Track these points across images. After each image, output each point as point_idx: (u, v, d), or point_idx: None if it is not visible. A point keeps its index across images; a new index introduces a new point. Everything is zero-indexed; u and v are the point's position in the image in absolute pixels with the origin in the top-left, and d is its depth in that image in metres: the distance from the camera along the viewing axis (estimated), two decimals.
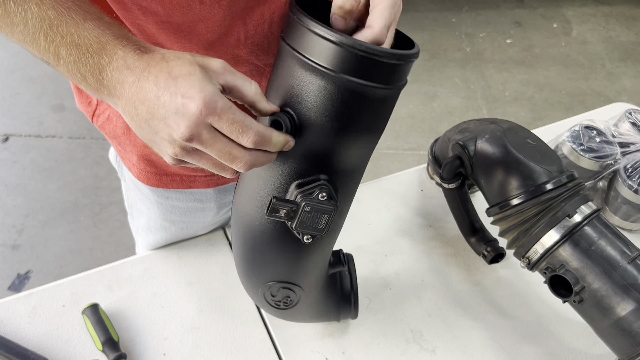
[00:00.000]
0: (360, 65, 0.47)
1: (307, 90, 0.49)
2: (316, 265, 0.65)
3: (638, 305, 0.68)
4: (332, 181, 0.54)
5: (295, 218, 0.53)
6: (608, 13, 2.94)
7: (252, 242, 0.61)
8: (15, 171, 1.96)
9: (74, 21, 0.45)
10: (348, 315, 0.77)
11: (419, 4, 2.85)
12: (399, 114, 2.26)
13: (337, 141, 0.52)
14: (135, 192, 0.81)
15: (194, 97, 0.44)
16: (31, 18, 0.44)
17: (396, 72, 0.50)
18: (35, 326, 0.77)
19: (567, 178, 0.76)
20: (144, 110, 0.46)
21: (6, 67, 2.34)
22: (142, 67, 0.45)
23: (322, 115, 0.50)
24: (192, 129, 0.44)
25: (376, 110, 0.52)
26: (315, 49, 0.48)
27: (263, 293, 0.66)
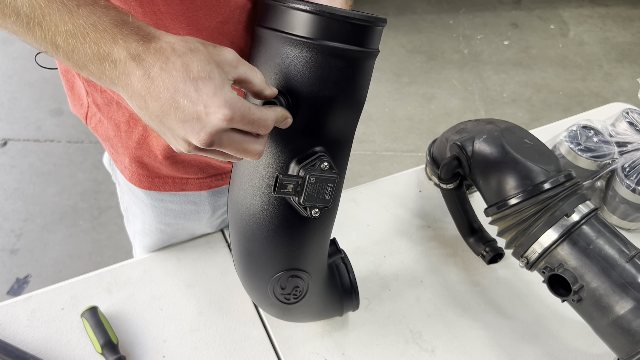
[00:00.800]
0: (337, 30, 0.52)
1: (294, 64, 0.53)
2: (320, 248, 0.66)
3: (637, 303, 0.68)
4: (328, 151, 0.56)
5: (303, 192, 0.55)
6: (604, 14, 2.95)
7: (255, 235, 0.62)
8: (13, 176, 1.96)
9: (67, 8, 0.43)
10: (350, 307, 0.77)
11: (416, 7, 2.86)
12: (397, 116, 2.27)
13: (327, 110, 0.55)
14: (130, 195, 0.80)
15: (219, 108, 0.43)
16: (22, 7, 0.43)
17: (368, 33, 0.55)
18: (34, 329, 0.77)
19: (564, 177, 0.76)
20: (156, 107, 0.44)
21: (4, 72, 2.34)
22: (152, 62, 0.43)
23: (311, 86, 0.54)
24: (214, 137, 0.45)
25: (356, 73, 0.56)
26: (295, 23, 0.52)
27: (272, 288, 0.65)
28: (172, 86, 0.43)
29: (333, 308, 0.76)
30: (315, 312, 0.76)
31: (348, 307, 0.77)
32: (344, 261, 0.75)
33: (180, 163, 0.70)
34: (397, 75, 2.48)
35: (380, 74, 2.47)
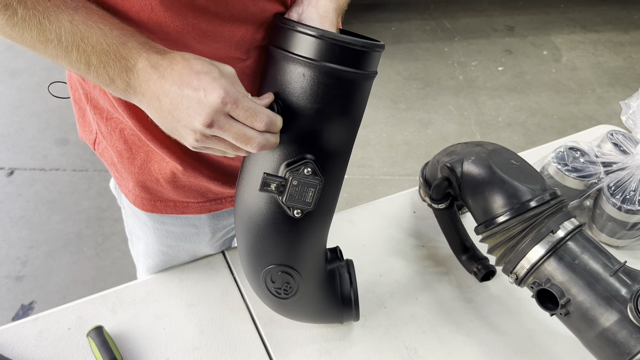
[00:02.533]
0: (337, 53, 0.58)
1: (295, 80, 0.59)
2: (311, 250, 0.70)
3: (621, 315, 0.71)
4: (318, 160, 0.62)
5: (285, 192, 0.61)
6: (596, 40, 3.02)
7: (252, 229, 0.68)
8: (19, 204, 2.00)
9: (102, 32, 0.52)
10: (350, 317, 0.80)
11: (412, 35, 2.94)
12: (395, 141, 2.31)
13: (319, 122, 0.61)
14: (134, 218, 0.84)
15: (215, 89, 0.52)
16: (64, 34, 0.50)
17: (365, 58, 0.60)
18: (41, 349, 0.80)
19: (550, 196, 0.80)
20: (167, 102, 0.53)
21: (11, 103, 2.40)
22: (166, 65, 0.52)
23: (306, 100, 0.59)
24: (213, 116, 0.52)
25: (350, 92, 0.62)
26: (300, 45, 0.58)
27: (264, 280, 0.71)
28: (179, 80, 0.52)
29: (331, 314, 0.79)
30: (311, 313, 0.79)
31: (348, 317, 0.80)
32: (348, 271, 0.78)
33: (181, 187, 0.74)
34: (394, 101, 2.53)
35: (377, 100, 2.52)
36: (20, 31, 0.50)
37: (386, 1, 3.17)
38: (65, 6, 0.51)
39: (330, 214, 0.69)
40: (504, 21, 3.12)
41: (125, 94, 0.55)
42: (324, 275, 0.75)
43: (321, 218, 0.68)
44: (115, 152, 0.73)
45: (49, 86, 0.81)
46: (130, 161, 0.72)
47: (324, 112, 0.60)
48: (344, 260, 0.78)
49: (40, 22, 0.50)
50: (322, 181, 0.62)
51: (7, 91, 2.46)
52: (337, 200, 0.70)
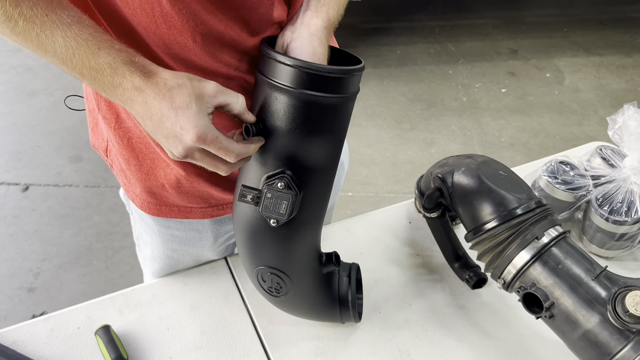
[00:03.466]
0: (313, 81, 0.62)
1: (275, 104, 0.64)
2: (297, 255, 0.74)
3: (602, 317, 0.74)
4: (296, 175, 0.66)
5: (260, 203, 0.66)
6: (599, 63, 3.07)
7: (243, 233, 0.73)
8: (33, 218, 2.07)
9: (91, 50, 0.56)
10: (349, 318, 0.84)
11: (417, 58, 3.01)
12: (399, 160, 2.36)
13: (295, 142, 0.65)
14: (141, 223, 0.89)
15: (189, 130, 0.57)
16: (59, 47, 0.56)
17: (342, 84, 0.64)
18: (52, 346, 0.84)
19: (535, 204, 0.84)
20: (150, 125, 0.59)
21: (28, 122, 2.49)
22: (148, 92, 0.57)
23: (281, 121, 0.64)
24: (187, 151, 0.59)
25: (326, 115, 0.66)
26: (276, 72, 0.63)
27: (257, 279, 0.76)
28: (160, 112, 0.57)
29: (328, 314, 0.83)
30: (307, 311, 0.83)
31: (347, 318, 0.84)
32: (349, 274, 0.82)
33: (184, 193, 0.80)
34: (399, 122, 2.59)
35: (382, 120, 2.58)
36: (24, 40, 0.56)
37: (392, 25, 3.26)
38: (61, 22, 0.55)
39: (315, 222, 0.73)
40: (508, 45, 3.18)
41: (117, 102, 0.61)
42: (318, 277, 0.79)
43: (303, 226, 0.72)
44: (123, 160, 0.78)
45: (65, 99, 0.87)
46: (138, 168, 0.77)
47: (297, 132, 0.65)
48: (339, 265, 0.82)
49: (37, 35, 0.55)
50: (296, 194, 0.66)
51: (24, 110, 2.55)
52: (323, 211, 0.74)
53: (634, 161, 1.00)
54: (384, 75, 2.85)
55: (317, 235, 0.76)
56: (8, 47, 2.91)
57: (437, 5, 3.42)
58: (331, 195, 1.03)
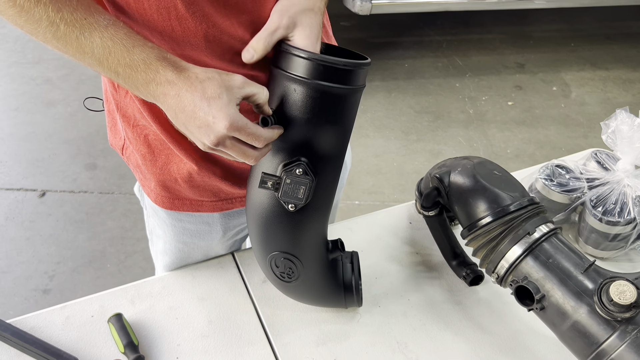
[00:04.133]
0: (323, 72, 0.68)
1: (289, 94, 0.70)
2: (309, 240, 0.80)
3: (590, 308, 0.78)
4: (311, 162, 0.71)
5: (280, 189, 0.71)
6: (605, 77, 3.11)
7: (258, 220, 0.78)
8: (49, 223, 2.13)
9: (126, 48, 0.62)
10: (352, 302, 0.89)
11: (424, 72, 3.06)
12: (405, 170, 2.40)
13: (310, 130, 0.71)
14: (155, 217, 0.95)
15: (222, 119, 0.62)
16: (96, 47, 0.61)
17: (349, 76, 0.70)
18: (67, 332, 0.89)
19: (528, 201, 0.88)
20: (182, 117, 0.64)
21: (46, 131, 2.58)
22: (181, 85, 0.62)
23: (298, 111, 0.70)
24: (219, 140, 0.64)
25: (338, 105, 0.72)
26: (293, 65, 0.69)
27: (270, 264, 0.81)
28: (192, 103, 0.62)
29: (334, 299, 0.88)
30: (314, 296, 0.88)
31: (351, 302, 0.89)
32: (351, 261, 0.87)
33: (196, 187, 0.85)
34: (406, 133, 2.64)
35: (389, 131, 2.63)
36: (64, 44, 0.61)
37: (400, 40, 3.32)
38: (98, 24, 0.61)
39: (325, 208, 0.79)
40: (515, 59, 3.23)
41: (149, 99, 0.66)
42: (325, 263, 0.84)
43: (316, 212, 0.77)
44: (140, 155, 0.84)
45: (84, 100, 0.93)
46: (153, 163, 0.83)
47: (312, 121, 0.71)
48: (344, 251, 0.87)
49: (77, 37, 0.61)
50: (313, 180, 0.71)
51: (42, 120, 2.64)
52: (332, 198, 0.79)
53: (626, 164, 1.04)
54: (392, 88, 2.91)
55: (326, 221, 0.81)
56: (28, 59, 3.02)
57: (445, 20, 3.48)
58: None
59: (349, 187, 2.31)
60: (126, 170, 2.36)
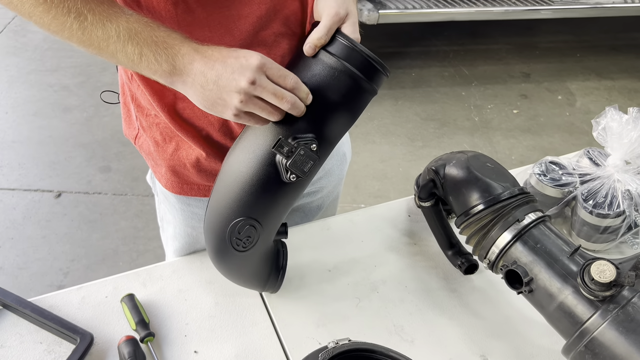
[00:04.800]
0: (361, 63, 0.74)
1: (327, 76, 0.74)
2: (279, 213, 0.82)
3: (574, 289, 0.82)
4: (319, 142, 0.75)
5: (291, 157, 0.73)
6: (610, 86, 3.14)
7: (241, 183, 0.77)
8: (65, 222, 2.21)
9: (152, 28, 0.67)
10: (273, 287, 0.95)
11: (431, 80, 3.12)
12: (411, 175, 2.45)
13: (329, 109, 0.75)
14: (165, 203, 1.01)
15: (253, 54, 0.67)
16: (122, 30, 0.66)
17: (378, 75, 0.76)
18: (83, 311, 0.95)
19: (518, 190, 0.93)
20: (213, 74, 0.67)
21: (62, 135, 2.67)
22: (206, 49, 0.68)
23: (326, 89, 0.74)
24: (255, 74, 0.66)
25: (358, 95, 0.77)
26: (343, 53, 0.74)
27: (232, 230, 0.79)
28: (220, 55, 0.68)
29: (261, 279, 0.92)
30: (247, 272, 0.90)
31: (272, 286, 0.95)
32: (283, 247, 0.94)
33: (204, 172, 0.91)
34: (412, 139, 2.69)
35: (395, 138, 2.69)
36: (89, 33, 0.67)
37: (408, 50, 3.39)
38: (122, 12, 0.67)
39: (304, 188, 0.82)
40: (521, 69, 3.28)
41: (171, 78, 0.69)
42: (270, 243, 0.88)
43: (300, 189, 0.81)
44: (152, 142, 0.90)
45: (101, 94, 1.00)
46: (164, 149, 0.89)
47: (335, 105, 0.75)
48: (287, 236, 0.89)
49: (104, 24, 0.66)
50: (318, 159, 0.75)
51: (59, 125, 2.73)
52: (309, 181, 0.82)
53: (616, 160, 1.09)
54: (399, 96, 2.97)
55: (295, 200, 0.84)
56: (46, 67, 3.13)
57: (452, 31, 3.54)
58: (335, 185, 1.13)
59: (355, 191, 2.37)
60: (139, 173, 2.44)
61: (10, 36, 3.43)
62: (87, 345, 0.88)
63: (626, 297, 0.78)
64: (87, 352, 0.87)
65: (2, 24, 3.54)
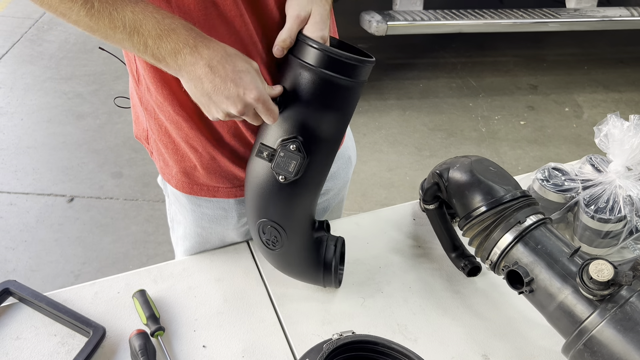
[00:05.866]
0: (330, 63, 0.76)
1: (297, 78, 0.78)
2: (296, 213, 0.87)
3: (574, 289, 0.84)
4: (306, 142, 0.79)
5: (274, 160, 0.78)
6: (618, 99, 3.16)
7: (252, 188, 0.85)
8: (77, 226, 2.25)
9: (156, 20, 0.68)
10: (330, 282, 0.95)
11: (438, 91, 3.16)
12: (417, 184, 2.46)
13: (309, 112, 0.79)
14: (176, 204, 1.04)
15: (253, 90, 0.71)
16: (128, 21, 0.68)
17: (353, 70, 0.78)
18: (96, 306, 0.98)
19: (520, 193, 0.95)
20: (210, 87, 0.71)
21: (75, 141, 2.72)
22: (212, 56, 0.69)
23: (302, 94, 0.78)
24: (245, 109, 0.72)
25: (338, 93, 0.79)
26: (307, 55, 0.77)
27: (258, 230, 0.88)
28: (224, 74, 0.70)
29: (312, 275, 0.95)
30: (295, 268, 0.95)
31: (328, 282, 0.96)
32: (335, 244, 0.94)
33: (212, 173, 0.94)
34: (419, 149, 2.72)
35: (403, 147, 2.72)
36: (96, 21, 0.68)
37: (416, 62, 3.43)
38: (129, 1, 0.68)
39: (314, 187, 0.86)
40: (528, 80, 3.30)
41: (175, 71, 0.72)
42: (309, 238, 0.91)
43: (304, 189, 0.85)
44: (162, 144, 0.93)
45: (114, 99, 1.04)
46: (174, 151, 0.92)
47: (312, 105, 0.79)
48: (330, 233, 0.93)
49: (110, 13, 0.67)
50: (304, 157, 0.79)
51: (73, 131, 2.79)
52: (322, 179, 0.87)
53: (618, 166, 1.11)
54: (407, 106, 3.00)
55: (315, 200, 0.88)
56: (61, 75, 3.20)
57: (460, 43, 3.58)
58: (340, 188, 1.16)
59: (362, 199, 2.39)
60: (150, 179, 2.48)
61: (27, 45, 3.51)
62: (100, 338, 0.90)
63: (624, 296, 0.80)
64: (99, 345, 0.90)
65: (19, 33, 3.63)
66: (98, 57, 3.34)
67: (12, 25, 3.70)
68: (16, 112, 2.91)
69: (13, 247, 2.15)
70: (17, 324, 0.95)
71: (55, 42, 3.53)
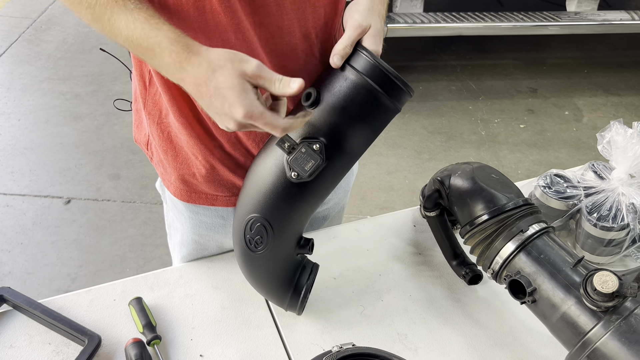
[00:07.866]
0: (381, 78, 0.75)
1: (341, 83, 0.76)
2: (291, 216, 0.83)
3: (577, 300, 0.83)
4: (329, 148, 0.76)
5: (293, 153, 0.76)
6: (617, 103, 3.15)
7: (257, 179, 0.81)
8: (73, 229, 2.23)
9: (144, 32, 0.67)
10: (294, 307, 0.92)
11: (438, 94, 3.15)
12: (417, 187, 2.46)
13: (343, 119, 0.77)
14: (174, 211, 1.02)
15: (237, 109, 0.67)
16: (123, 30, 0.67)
17: (399, 93, 0.77)
18: (92, 313, 0.97)
19: (522, 202, 0.94)
20: (202, 103, 0.70)
21: (73, 142, 2.70)
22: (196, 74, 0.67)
23: (342, 100, 0.76)
24: (239, 126, 0.69)
25: (378, 111, 0.78)
26: (361, 64, 0.76)
27: (245, 225, 0.83)
28: (208, 92, 0.68)
29: (280, 294, 0.91)
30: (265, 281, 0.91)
31: (292, 306, 0.92)
32: (311, 270, 0.91)
33: (211, 182, 0.92)
34: (418, 152, 2.71)
35: (402, 150, 2.70)
36: (100, 25, 0.68)
37: (415, 64, 3.42)
38: (126, 8, 0.67)
39: (319, 196, 0.83)
40: (528, 84, 3.29)
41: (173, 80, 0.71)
42: (290, 254, 0.88)
43: (310, 194, 0.82)
44: (162, 151, 0.92)
45: (114, 102, 1.02)
46: (174, 157, 0.91)
47: (347, 113, 0.76)
48: (311, 252, 0.89)
49: (109, 19, 0.67)
50: (323, 161, 0.76)
51: (70, 132, 2.77)
52: (328, 191, 0.84)
53: (621, 173, 1.10)
54: (406, 109, 2.98)
55: (312, 211, 0.85)
56: (59, 75, 3.18)
57: (459, 46, 3.57)
58: (341, 197, 1.15)
59: (361, 202, 2.38)
60: (147, 181, 2.47)
61: (24, 45, 3.49)
62: (95, 347, 0.89)
63: (629, 308, 0.78)
64: (94, 354, 0.89)
65: (16, 33, 3.61)
66: (96, 57, 3.32)
67: (9, 25, 3.68)
68: (13, 113, 2.89)
69: (9, 249, 2.14)
70: (11, 331, 0.93)
71: (53, 42, 3.51)
